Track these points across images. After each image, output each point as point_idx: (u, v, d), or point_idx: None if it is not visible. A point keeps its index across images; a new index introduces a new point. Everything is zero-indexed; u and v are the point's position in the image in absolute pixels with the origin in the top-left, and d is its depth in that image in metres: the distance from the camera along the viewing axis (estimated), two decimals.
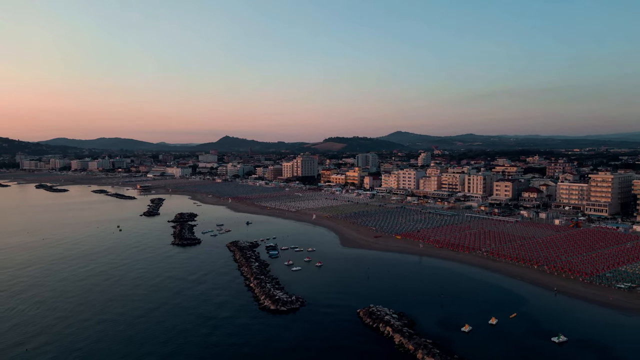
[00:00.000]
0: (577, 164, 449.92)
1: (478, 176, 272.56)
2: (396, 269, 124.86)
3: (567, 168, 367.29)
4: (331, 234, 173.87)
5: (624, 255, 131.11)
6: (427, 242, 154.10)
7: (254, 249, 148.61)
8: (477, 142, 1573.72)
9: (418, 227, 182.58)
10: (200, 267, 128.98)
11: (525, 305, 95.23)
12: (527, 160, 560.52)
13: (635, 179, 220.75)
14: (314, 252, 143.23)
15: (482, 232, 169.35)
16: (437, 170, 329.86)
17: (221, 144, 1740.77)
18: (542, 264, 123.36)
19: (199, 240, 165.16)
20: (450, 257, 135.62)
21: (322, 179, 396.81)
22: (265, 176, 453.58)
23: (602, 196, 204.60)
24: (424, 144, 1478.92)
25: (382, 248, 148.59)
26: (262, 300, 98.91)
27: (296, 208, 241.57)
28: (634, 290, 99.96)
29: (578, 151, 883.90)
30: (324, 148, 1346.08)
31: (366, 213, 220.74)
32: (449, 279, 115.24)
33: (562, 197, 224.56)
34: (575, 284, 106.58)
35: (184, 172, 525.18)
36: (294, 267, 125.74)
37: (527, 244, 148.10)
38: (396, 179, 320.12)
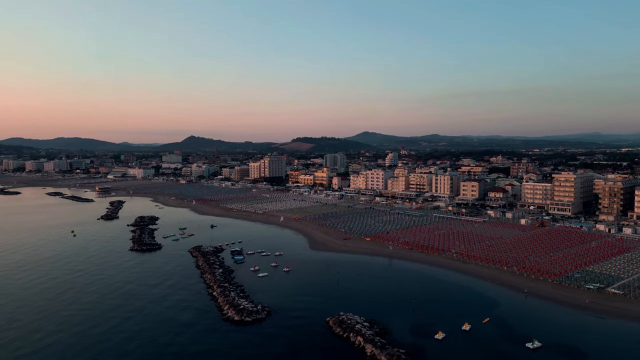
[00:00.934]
0: (538, 163, 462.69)
1: (445, 176, 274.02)
2: (366, 272, 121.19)
3: (530, 168, 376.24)
4: (299, 237, 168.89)
5: (590, 254, 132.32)
6: (396, 244, 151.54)
7: (218, 254, 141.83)
8: (442, 143, 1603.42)
9: (387, 228, 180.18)
10: (160, 274, 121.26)
11: (498, 308, 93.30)
12: (490, 160, 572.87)
13: (596, 178, 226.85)
14: (282, 257, 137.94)
15: (451, 233, 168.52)
16: (404, 171, 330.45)
17: (186, 144, 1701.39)
18: (511, 265, 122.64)
19: (160, 246, 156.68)
20: (421, 259, 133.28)
21: (290, 179, 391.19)
22: (232, 177, 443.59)
23: (565, 196, 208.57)
24: (390, 144, 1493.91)
25: (351, 251, 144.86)
26: (225, 310, 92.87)
27: (263, 210, 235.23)
28: (602, 291, 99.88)
29: (538, 151, 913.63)
30: (292, 148, 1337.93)
31: (335, 214, 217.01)
32: (420, 282, 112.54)
33: (527, 196, 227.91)
34: (545, 285, 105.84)
35: (146, 173, 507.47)
36: (261, 273, 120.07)
37: (495, 245, 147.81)
38: (364, 180, 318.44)
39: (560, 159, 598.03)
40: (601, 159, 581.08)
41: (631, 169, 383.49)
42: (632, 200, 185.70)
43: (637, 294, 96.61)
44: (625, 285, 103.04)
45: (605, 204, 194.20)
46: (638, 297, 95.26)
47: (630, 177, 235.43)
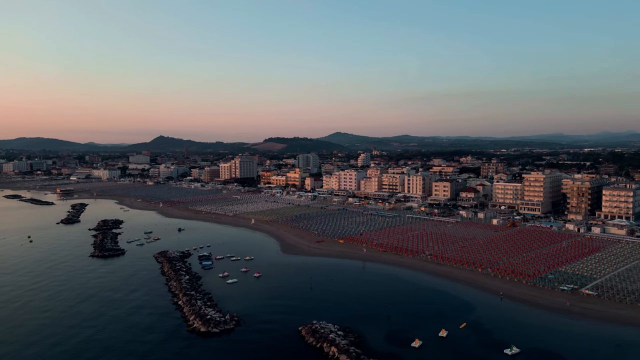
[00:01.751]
0: (506, 163, 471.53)
1: (417, 177, 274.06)
2: (340, 276, 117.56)
3: (500, 168, 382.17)
4: (271, 240, 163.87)
5: (562, 255, 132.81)
6: (370, 246, 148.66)
7: (185, 260, 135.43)
8: (412, 143, 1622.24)
9: (360, 229, 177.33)
10: (121, 282, 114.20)
11: (474, 312, 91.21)
12: (460, 161, 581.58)
13: (564, 178, 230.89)
14: (252, 261, 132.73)
15: (424, 234, 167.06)
16: (377, 171, 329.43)
17: (155, 145, 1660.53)
18: (485, 267, 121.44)
19: (123, 251, 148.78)
20: (395, 261, 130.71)
21: (261, 180, 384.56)
22: (202, 178, 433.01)
23: (535, 195, 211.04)
24: (362, 145, 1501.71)
25: (325, 254, 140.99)
26: (191, 320, 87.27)
27: (234, 212, 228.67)
28: (577, 293, 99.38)
29: (505, 151, 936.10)
30: (264, 148, 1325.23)
31: (308, 216, 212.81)
32: (395, 286, 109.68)
33: (498, 196, 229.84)
34: (519, 287, 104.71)
35: (111, 174, 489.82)
36: (230, 279, 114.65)
37: (469, 246, 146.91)
38: (337, 180, 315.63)
39: (527, 159, 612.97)
40: (565, 158, 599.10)
41: (595, 169, 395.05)
42: (600, 199, 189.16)
43: (610, 295, 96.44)
44: (599, 285, 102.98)
45: (573, 203, 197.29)
46: (612, 297, 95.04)
47: (596, 177, 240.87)
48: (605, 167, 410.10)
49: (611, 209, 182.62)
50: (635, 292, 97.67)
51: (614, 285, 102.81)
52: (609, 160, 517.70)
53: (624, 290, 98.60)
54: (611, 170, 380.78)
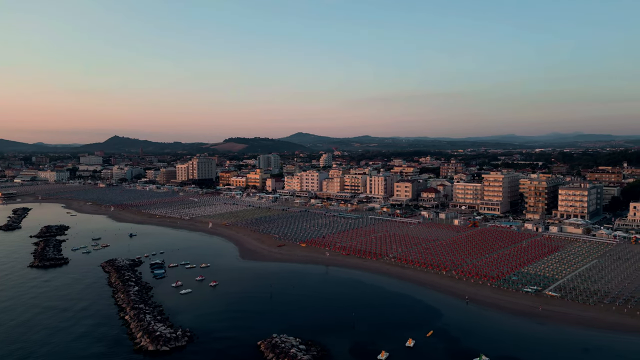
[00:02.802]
0: (464, 163, 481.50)
1: (379, 177, 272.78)
2: (302, 283, 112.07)
3: (459, 168, 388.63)
4: (229, 245, 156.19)
5: (523, 255, 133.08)
6: (333, 249, 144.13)
7: (135, 269, 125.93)
8: (373, 144, 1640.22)
9: (323, 232, 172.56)
10: (62, 296, 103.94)
11: (440, 319, 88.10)
12: (420, 161, 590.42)
13: (521, 178, 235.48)
14: (209, 269, 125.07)
15: (387, 236, 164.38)
16: (339, 172, 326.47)
17: (109, 145, 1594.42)
18: (450, 269, 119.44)
19: (67, 260, 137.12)
20: (359, 265, 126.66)
21: (221, 181, 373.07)
22: (157, 180, 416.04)
23: (495, 195, 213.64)
24: (324, 145, 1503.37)
25: (286, 259, 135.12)
26: (138, 338, 79.27)
27: (190, 215, 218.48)
28: (540, 294, 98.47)
29: (462, 151, 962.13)
30: (224, 149, 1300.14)
31: (269, 219, 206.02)
32: (359, 292, 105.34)
33: (458, 196, 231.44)
34: (484, 290, 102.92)
35: (59, 176, 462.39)
36: (183, 289, 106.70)
37: (432, 247, 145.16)
38: (299, 181, 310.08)
39: (483, 159, 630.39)
40: (519, 158, 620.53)
41: (548, 168, 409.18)
42: (556, 199, 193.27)
43: (573, 296, 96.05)
44: (561, 286, 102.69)
45: (531, 203, 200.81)
46: (575, 299, 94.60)
47: (552, 176, 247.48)
48: (557, 166, 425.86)
49: (567, 208, 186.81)
50: (597, 292, 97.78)
51: (576, 285, 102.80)
52: (560, 160, 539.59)
53: (587, 291, 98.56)
54: (563, 169, 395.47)
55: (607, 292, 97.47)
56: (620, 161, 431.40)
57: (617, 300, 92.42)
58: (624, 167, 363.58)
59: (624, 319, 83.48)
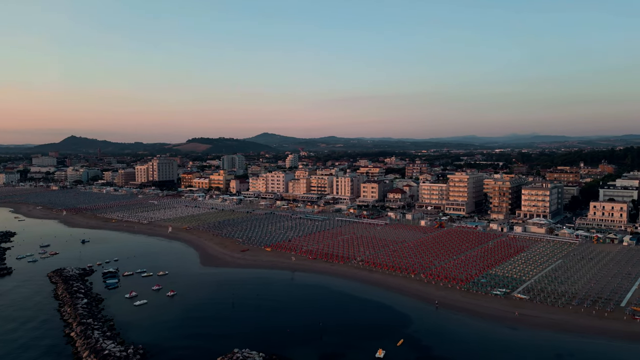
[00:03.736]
0: (428, 164, 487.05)
1: (346, 178, 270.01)
2: (267, 291, 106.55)
3: (424, 169, 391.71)
4: (190, 251, 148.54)
5: (490, 256, 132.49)
6: (299, 254, 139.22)
7: (85, 278, 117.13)
8: (339, 144, 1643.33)
9: (289, 235, 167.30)
10: (2, 310, 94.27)
11: (410, 326, 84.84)
12: (385, 161, 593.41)
13: (485, 178, 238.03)
14: (167, 277, 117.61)
15: (355, 238, 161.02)
16: (305, 173, 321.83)
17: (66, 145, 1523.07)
18: (418, 272, 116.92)
19: (10, 270, 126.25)
20: (326, 270, 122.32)
21: (182, 183, 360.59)
22: (115, 182, 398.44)
23: (460, 196, 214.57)
24: (290, 146, 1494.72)
25: (250, 264, 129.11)
26: (84, 358, 71.78)
27: (149, 219, 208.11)
28: (509, 297, 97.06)
29: (426, 152, 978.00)
30: (188, 149, 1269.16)
31: (232, 222, 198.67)
32: (327, 299, 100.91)
33: (424, 197, 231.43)
34: (454, 294, 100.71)
35: (9, 178, 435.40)
36: (138, 301, 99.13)
37: (400, 249, 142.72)
38: (265, 182, 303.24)
39: (446, 159, 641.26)
40: (480, 159, 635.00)
41: (509, 168, 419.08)
42: (519, 199, 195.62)
43: (542, 298, 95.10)
44: (529, 288, 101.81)
45: (495, 203, 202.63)
46: (543, 301, 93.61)
47: (515, 176, 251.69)
48: (518, 166, 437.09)
49: (530, 207, 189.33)
50: (565, 294, 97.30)
51: (543, 287, 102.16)
52: (520, 160, 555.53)
53: (555, 293, 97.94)
54: (523, 169, 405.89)
55: (574, 294, 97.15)
56: (575, 161, 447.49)
57: (585, 301, 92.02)
58: (580, 167, 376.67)
59: (593, 322, 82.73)
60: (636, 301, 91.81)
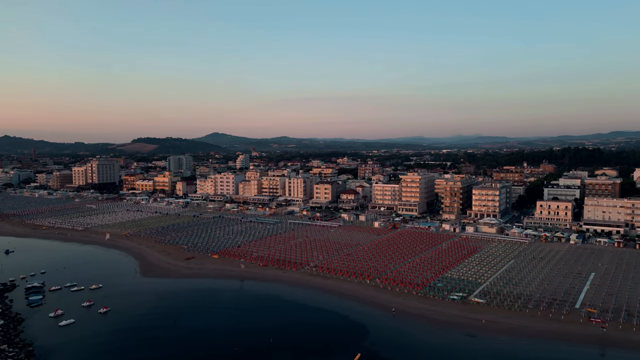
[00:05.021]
0: (380, 164, 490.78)
1: (298, 179, 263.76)
2: (213, 303, 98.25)
3: (376, 169, 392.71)
4: (129, 260, 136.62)
5: (445, 258, 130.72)
6: (249, 260, 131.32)
7: (5, 295, 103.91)
8: (291, 145, 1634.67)
9: (238, 240, 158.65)
10: None
11: (367, 337, 79.91)
12: (337, 162, 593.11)
13: (436, 178, 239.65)
14: (100, 291, 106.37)
15: (308, 242, 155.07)
16: (257, 174, 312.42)
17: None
18: (373, 277, 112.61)
19: None
20: (277, 277, 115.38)
21: (124, 186, 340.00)
22: (50, 184, 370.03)
23: (412, 196, 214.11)
24: (241, 146, 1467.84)
25: (195, 274, 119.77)
26: None
27: (85, 225, 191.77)
28: (466, 302, 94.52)
29: (377, 152, 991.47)
30: (133, 149, 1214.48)
31: (177, 227, 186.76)
32: (278, 310, 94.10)
33: (377, 197, 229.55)
34: (411, 299, 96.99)
35: None
36: (64, 320, 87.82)
37: (354, 253, 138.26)
38: (213, 184, 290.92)
39: (397, 159, 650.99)
40: (429, 159, 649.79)
41: (457, 168, 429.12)
42: (470, 199, 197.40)
43: (498, 301, 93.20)
44: (485, 291, 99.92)
45: (447, 203, 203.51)
46: (500, 304, 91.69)
47: (465, 176, 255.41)
48: (465, 166, 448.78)
49: (480, 207, 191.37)
50: (520, 296, 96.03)
51: (499, 290, 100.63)
52: (467, 160, 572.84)
53: (510, 296, 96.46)
54: (470, 169, 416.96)
55: (529, 296, 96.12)
56: (519, 161, 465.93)
57: (541, 304, 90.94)
58: (524, 166, 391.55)
59: (550, 325, 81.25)
60: (590, 302, 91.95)
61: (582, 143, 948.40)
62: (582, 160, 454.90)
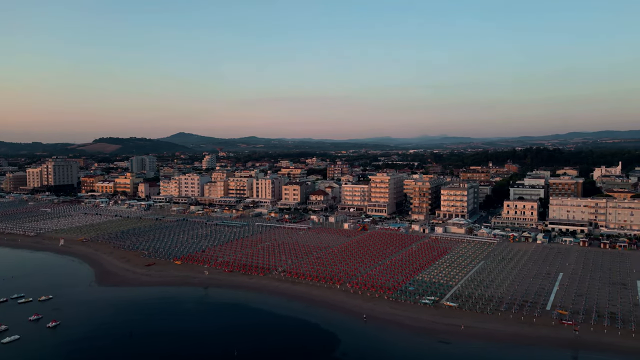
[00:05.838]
0: (348, 165, 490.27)
1: (266, 180, 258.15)
2: (175, 313, 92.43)
3: (345, 169, 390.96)
4: (84, 267, 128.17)
5: (415, 260, 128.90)
6: (214, 266, 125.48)
7: None
8: (259, 145, 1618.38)
9: (203, 245, 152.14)
10: None
11: (338, 347, 76.32)
12: (306, 162, 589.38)
13: (405, 179, 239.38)
14: (50, 302, 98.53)
15: (276, 245, 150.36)
16: (223, 175, 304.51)
17: None
18: (344, 282, 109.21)
19: None
20: (244, 284, 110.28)
21: (83, 188, 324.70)
22: (2, 186, 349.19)
23: (382, 197, 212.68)
24: (208, 146, 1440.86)
25: (155, 282, 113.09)
26: None
27: (37, 230, 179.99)
28: (439, 306, 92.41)
29: (345, 152, 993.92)
30: (95, 150, 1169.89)
31: (138, 231, 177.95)
32: (244, 319, 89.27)
33: (347, 198, 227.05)
34: (382, 304, 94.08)
35: None
36: (8, 337, 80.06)
37: (324, 256, 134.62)
38: (177, 186, 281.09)
39: (365, 160, 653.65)
40: (396, 159, 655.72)
41: (424, 168, 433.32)
42: (438, 199, 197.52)
43: (470, 305, 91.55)
44: (457, 294, 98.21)
45: (416, 203, 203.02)
46: (472, 308, 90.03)
47: (434, 177, 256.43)
48: (432, 167, 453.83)
49: (449, 207, 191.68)
50: (492, 299, 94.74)
51: (470, 292, 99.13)
52: (434, 160, 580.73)
53: (482, 298, 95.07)
54: (437, 169, 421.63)
55: (501, 298, 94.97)
56: (484, 161, 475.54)
57: (512, 306, 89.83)
58: (489, 166, 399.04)
59: (523, 329, 79.95)
60: (560, 303, 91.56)
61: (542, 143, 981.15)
62: (544, 160, 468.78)
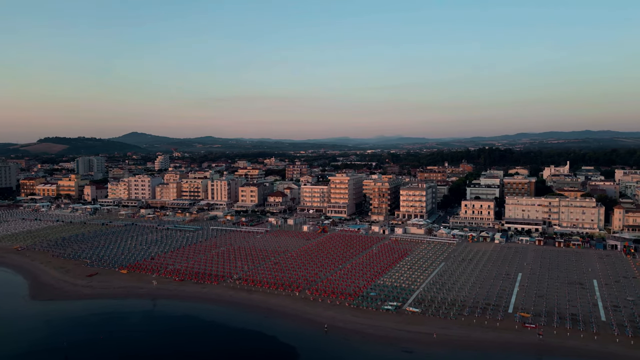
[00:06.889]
0: (308, 165, 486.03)
1: (222, 181, 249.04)
2: (117, 329, 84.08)
3: (304, 170, 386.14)
4: (17, 280, 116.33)
5: (376, 263, 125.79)
6: (163, 275, 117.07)
7: None
8: (216, 145, 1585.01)
9: (153, 251, 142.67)
10: None
11: None
12: (265, 162, 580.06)
13: (364, 179, 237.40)
14: None
15: (232, 250, 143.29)
16: (176, 176, 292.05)
17: None
18: (303, 288, 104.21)
19: None
20: (196, 294, 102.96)
21: (23, 191, 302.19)
22: None
23: (341, 198, 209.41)
24: (162, 146, 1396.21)
25: (97, 294, 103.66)
26: None
27: None
28: (401, 312, 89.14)
29: (304, 153, 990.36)
30: (39, 150, 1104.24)
31: (82, 237, 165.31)
32: (195, 334, 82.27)
33: (306, 200, 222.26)
34: (343, 312, 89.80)
35: None
36: None
37: (282, 261, 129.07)
38: (127, 188, 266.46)
39: (324, 160, 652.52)
40: (355, 160, 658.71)
41: (382, 168, 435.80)
42: (398, 199, 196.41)
43: (434, 310, 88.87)
44: (419, 299, 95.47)
45: (375, 204, 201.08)
46: (436, 313, 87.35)
47: (393, 177, 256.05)
48: (390, 167, 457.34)
49: (408, 208, 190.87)
50: (454, 303, 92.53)
51: (433, 296, 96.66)
52: (391, 160, 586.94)
53: (445, 303, 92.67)
54: (395, 169, 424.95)
55: (463, 302, 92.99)
56: (439, 161, 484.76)
57: (475, 310, 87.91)
58: (445, 166, 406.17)
59: (487, 334, 77.84)
60: (521, 305, 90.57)
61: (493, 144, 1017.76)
62: (496, 160, 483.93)
